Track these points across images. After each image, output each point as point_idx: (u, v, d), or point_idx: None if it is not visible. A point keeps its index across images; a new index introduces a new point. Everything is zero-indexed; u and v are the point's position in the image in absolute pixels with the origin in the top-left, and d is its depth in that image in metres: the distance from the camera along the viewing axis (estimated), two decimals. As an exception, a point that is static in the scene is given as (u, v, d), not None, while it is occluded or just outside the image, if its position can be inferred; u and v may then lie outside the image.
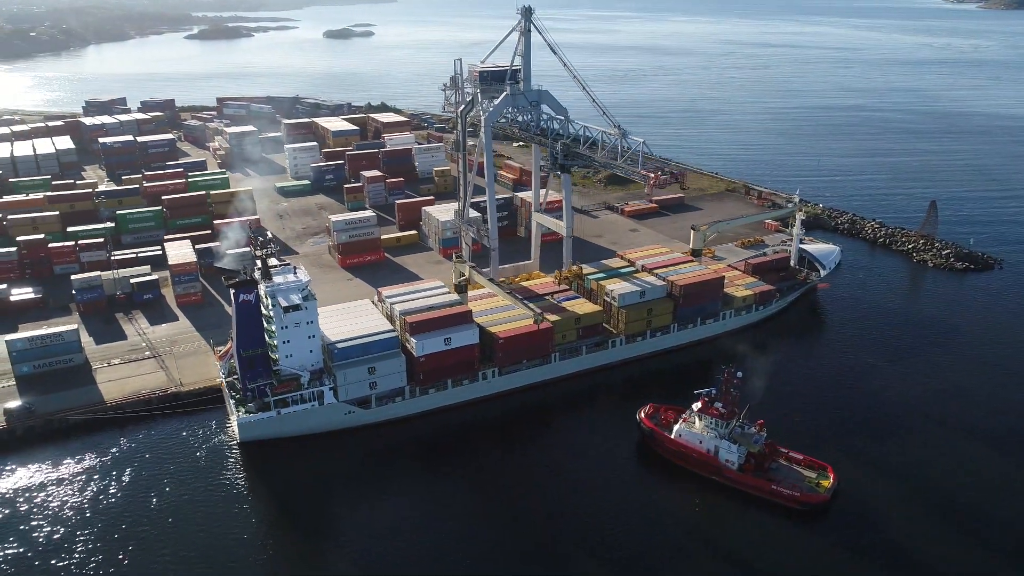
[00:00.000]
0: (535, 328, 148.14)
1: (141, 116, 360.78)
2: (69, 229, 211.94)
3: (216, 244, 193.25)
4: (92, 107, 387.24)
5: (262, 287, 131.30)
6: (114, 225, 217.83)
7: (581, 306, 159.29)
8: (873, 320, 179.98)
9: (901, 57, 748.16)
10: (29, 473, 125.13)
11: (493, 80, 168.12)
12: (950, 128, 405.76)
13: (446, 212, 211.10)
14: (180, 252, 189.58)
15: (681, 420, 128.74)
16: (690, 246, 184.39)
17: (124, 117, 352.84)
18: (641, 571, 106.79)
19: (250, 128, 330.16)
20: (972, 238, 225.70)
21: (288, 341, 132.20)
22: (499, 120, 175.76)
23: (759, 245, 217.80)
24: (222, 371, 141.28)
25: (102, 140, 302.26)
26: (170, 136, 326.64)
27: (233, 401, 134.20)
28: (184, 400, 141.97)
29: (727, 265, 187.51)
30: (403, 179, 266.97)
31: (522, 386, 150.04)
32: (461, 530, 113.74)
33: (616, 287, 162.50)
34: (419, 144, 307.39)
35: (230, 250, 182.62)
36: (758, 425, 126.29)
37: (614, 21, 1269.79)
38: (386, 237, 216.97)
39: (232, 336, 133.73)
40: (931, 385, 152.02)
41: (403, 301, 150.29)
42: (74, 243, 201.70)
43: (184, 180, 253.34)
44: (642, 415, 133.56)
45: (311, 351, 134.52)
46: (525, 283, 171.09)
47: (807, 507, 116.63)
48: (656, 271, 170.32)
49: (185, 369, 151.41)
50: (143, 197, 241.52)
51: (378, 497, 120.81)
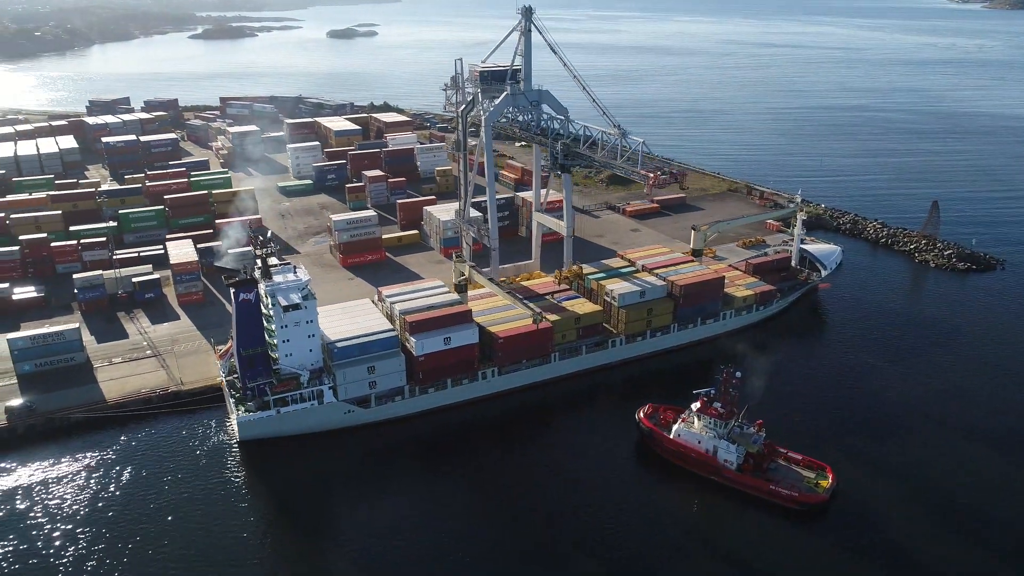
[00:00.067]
0: (535, 328, 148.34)
1: (144, 116, 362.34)
2: (71, 228, 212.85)
3: (217, 243, 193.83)
4: (96, 107, 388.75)
5: (262, 286, 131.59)
6: (116, 224, 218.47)
7: (581, 306, 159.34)
8: (874, 320, 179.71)
9: (904, 57, 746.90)
10: (30, 471, 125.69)
11: (493, 80, 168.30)
12: (954, 128, 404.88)
13: (447, 212, 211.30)
14: (182, 251, 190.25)
15: (680, 420, 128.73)
16: (691, 246, 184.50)
17: (127, 117, 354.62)
18: (640, 571, 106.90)
19: (253, 128, 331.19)
20: (974, 238, 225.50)
21: (288, 340, 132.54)
22: (500, 120, 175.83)
23: (760, 245, 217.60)
24: (222, 370, 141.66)
25: (105, 140, 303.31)
26: (173, 136, 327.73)
27: (233, 400, 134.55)
28: (184, 399, 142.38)
29: (728, 265, 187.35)
30: (405, 179, 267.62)
31: (522, 386, 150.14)
32: (461, 530, 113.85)
33: (616, 287, 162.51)
34: (421, 144, 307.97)
35: (231, 249, 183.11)
36: (757, 425, 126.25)
37: (617, 21, 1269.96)
38: (387, 237, 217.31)
39: (232, 335, 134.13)
40: (932, 385, 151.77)
41: (403, 300, 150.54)
42: (76, 242, 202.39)
43: (187, 180, 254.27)
44: (641, 415, 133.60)
45: (311, 350, 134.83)
46: (525, 283, 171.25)
47: (805, 507, 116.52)
48: (656, 271, 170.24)
49: (186, 368, 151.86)
50: (145, 196, 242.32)
51: (377, 496, 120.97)
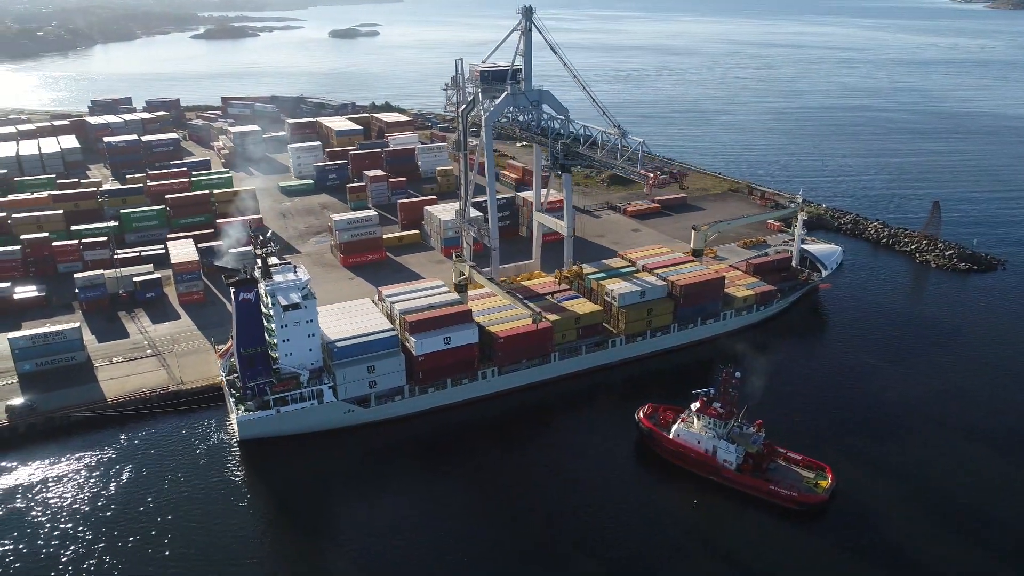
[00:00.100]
0: (535, 328, 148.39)
1: (146, 115, 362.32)
2: (73, 228, 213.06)
3: (218, 243, 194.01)
4: (97, 106, 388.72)
5: (262, 286, 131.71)
6: (118, 224, 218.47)
7: (581, 306, 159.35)
8: (875, 321, 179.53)
9: (907, 57, 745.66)
10: (30, 470, 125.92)
11: (494, 80, 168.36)
12: (956, 128, 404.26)
13: (448, 212, 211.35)
14: (183, 251, 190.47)
15: (680, 420, 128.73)
16: (691, 246, 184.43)
17: (129, 116, 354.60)
18: (639, 571, 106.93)
19: (254, 128, 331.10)
20: (975, 239, 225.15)
21: (288, 340, 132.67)
22: (500, 120, 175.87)
23: (761, 245, 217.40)
24: (222, 369, 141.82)
25: (107, 139, 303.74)
26: (174, 135, 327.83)
27: (233, 399, 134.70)
28: (184, 398, 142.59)
29: (728, 265, 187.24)
30: (406, 179, 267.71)
31: (521, 386, 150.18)
32: (460, 529, 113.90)
33: (616, 287, 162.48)
34: (422, 144, 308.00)
35: (232, 249, 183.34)
36: (756, 425, 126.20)
37: (619, 21, 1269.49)
38: (388, 236, 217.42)
39: (232, 335, 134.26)
40: (932, 386, 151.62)
41: (403, 300, 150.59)
42: (78, 242, 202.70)
43: (188, 179, 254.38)
44: (641, 415, 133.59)
45: (310, 350, 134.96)
46: (526, 283, 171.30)
47: (805, 507, 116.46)
48: (657, 271, 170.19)
49: (186, 367, 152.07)
50: (147, 196, 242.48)
51: (377, 496, 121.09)
